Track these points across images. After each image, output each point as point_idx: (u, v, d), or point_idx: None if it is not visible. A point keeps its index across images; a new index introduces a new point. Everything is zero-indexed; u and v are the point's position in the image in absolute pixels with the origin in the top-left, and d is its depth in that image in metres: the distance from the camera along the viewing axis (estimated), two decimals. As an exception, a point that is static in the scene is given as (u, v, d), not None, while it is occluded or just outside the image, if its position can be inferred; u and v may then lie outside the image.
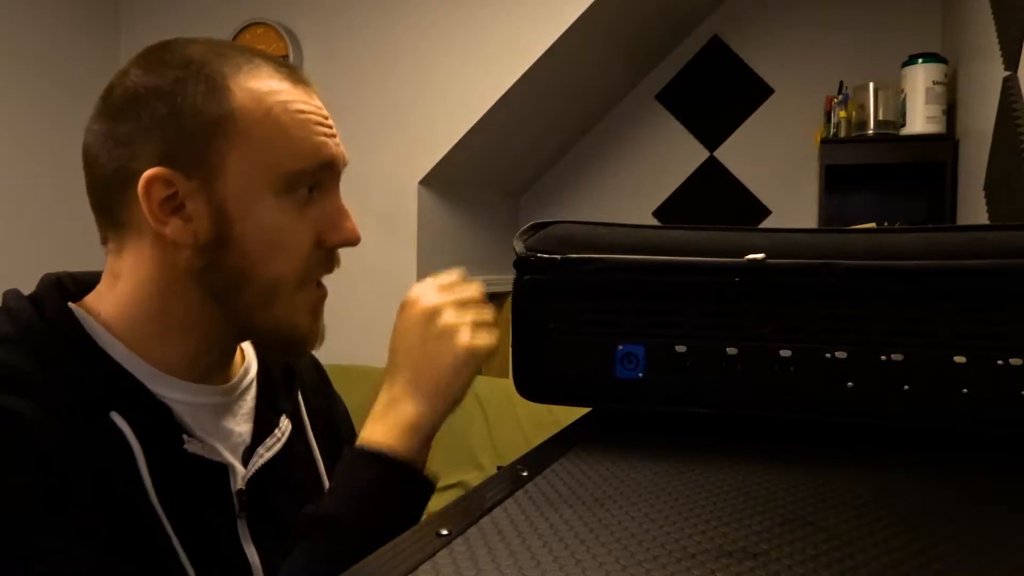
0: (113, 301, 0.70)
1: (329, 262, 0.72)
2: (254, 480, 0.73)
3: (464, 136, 2.65)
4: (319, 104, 0.72)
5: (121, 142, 0.67)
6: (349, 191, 0.74)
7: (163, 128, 0.66)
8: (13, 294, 0.69)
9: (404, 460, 0.67)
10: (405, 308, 0.72)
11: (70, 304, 0.69)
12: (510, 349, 0.70)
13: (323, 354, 0.67)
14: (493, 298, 0.77)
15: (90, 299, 0.71)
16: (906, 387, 0.60)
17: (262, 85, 0.68)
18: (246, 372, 0.78)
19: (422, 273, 2.73)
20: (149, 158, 0.66)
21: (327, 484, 0.80)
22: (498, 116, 2.67)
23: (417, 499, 0.69)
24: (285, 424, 0.79)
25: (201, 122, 0.66)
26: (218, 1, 2.89)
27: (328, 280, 0.74)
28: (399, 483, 0.67)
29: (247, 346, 0.81)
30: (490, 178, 3.17)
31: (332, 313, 0.75)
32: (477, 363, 0.71)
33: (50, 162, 2.69)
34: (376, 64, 2.73)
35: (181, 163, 0.66)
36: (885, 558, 0.42)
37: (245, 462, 0.73)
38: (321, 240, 0.70)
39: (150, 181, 0.65)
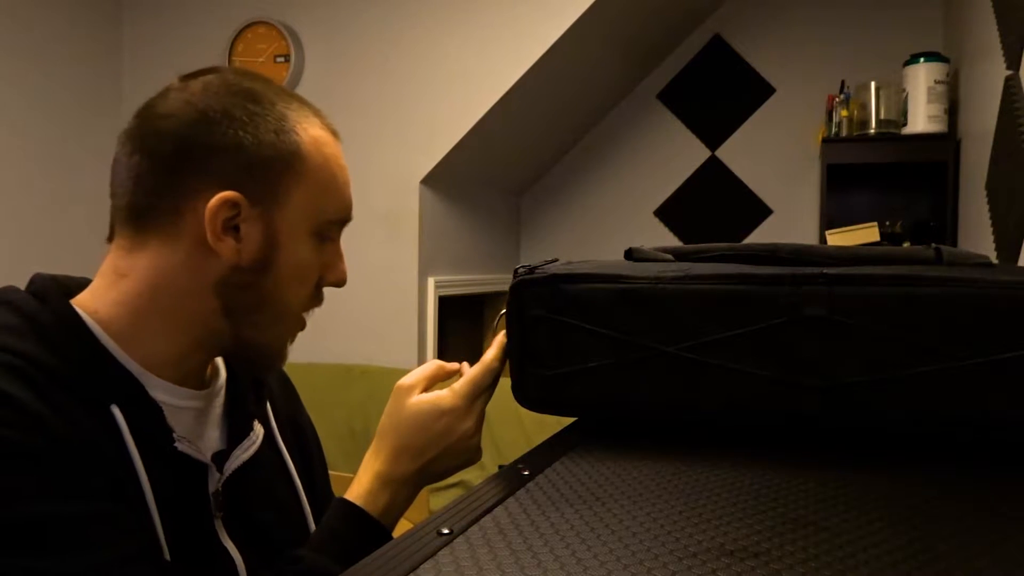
0: (114, 298, 0.71)
1: (320, 298, 0.78)
2: (229, 483, 0.75)
3: (465, 135, 2.65)
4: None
5: (186, 156, 0.69)
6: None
7: (237, 153, 0.69)
8: (12, 289, 0.70)
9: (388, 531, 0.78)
10: (426, 401, 0.79)
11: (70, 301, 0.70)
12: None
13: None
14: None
15: (84, 297, 0.72)
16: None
17: (318, 133, 0.74)
18: (216, 379, 0.80)
19: (423, 272, 2.73)
20: (218, 178, 0.69)
21: (300, 489, 0.84)
22: (499, 115, 2.67)
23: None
24: (259, 429, 0.81)
25: (275, 156, 0.70)
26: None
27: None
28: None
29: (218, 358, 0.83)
30: (491, 177, 3.17)
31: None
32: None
33: (48, 161, 2.70)
34: (377, 63, 2.73)
35: (250, 189, 0.69)
36: (885, 558, 0.42)
37: (219, 466, 0.75)
38: (321, 278, 0.76)
39: (222, 201, 0.68)
